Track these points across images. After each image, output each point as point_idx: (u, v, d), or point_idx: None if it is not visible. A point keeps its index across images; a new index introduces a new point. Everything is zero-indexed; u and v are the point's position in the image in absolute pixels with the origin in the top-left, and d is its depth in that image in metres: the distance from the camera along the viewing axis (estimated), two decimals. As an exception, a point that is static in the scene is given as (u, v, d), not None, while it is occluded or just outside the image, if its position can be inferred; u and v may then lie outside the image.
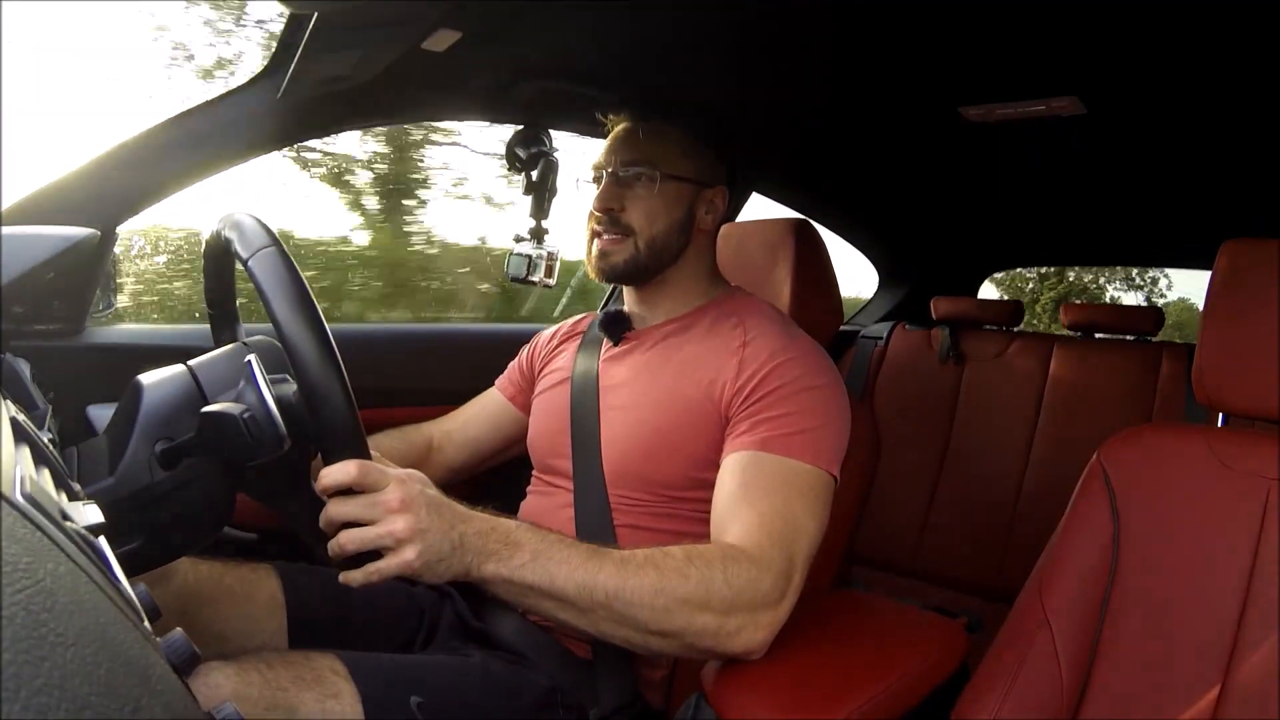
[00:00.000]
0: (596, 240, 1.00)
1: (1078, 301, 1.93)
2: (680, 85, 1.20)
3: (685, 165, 1.00)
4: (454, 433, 1.16)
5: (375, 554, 0.67)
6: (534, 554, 0.71)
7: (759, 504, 0.81)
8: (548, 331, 1.20)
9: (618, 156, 1.00)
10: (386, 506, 0.65)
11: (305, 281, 0.65)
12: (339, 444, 0.66)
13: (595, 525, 0.94)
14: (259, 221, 0.70)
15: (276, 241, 0.67)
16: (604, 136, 1.06)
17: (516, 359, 1.21)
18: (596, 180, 1.03)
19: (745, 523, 0.80)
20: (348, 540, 0.66)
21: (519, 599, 0.72)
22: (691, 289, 1.04)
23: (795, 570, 0.78)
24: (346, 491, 0.66)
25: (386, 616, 0.99)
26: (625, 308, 1.08)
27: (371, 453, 0.69)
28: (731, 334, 0.96)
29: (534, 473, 1.08)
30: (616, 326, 1.05)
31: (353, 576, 0.67)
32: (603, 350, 1.06)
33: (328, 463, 0.66)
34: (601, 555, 0.73)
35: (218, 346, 0.85)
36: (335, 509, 0.66)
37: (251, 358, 0.68)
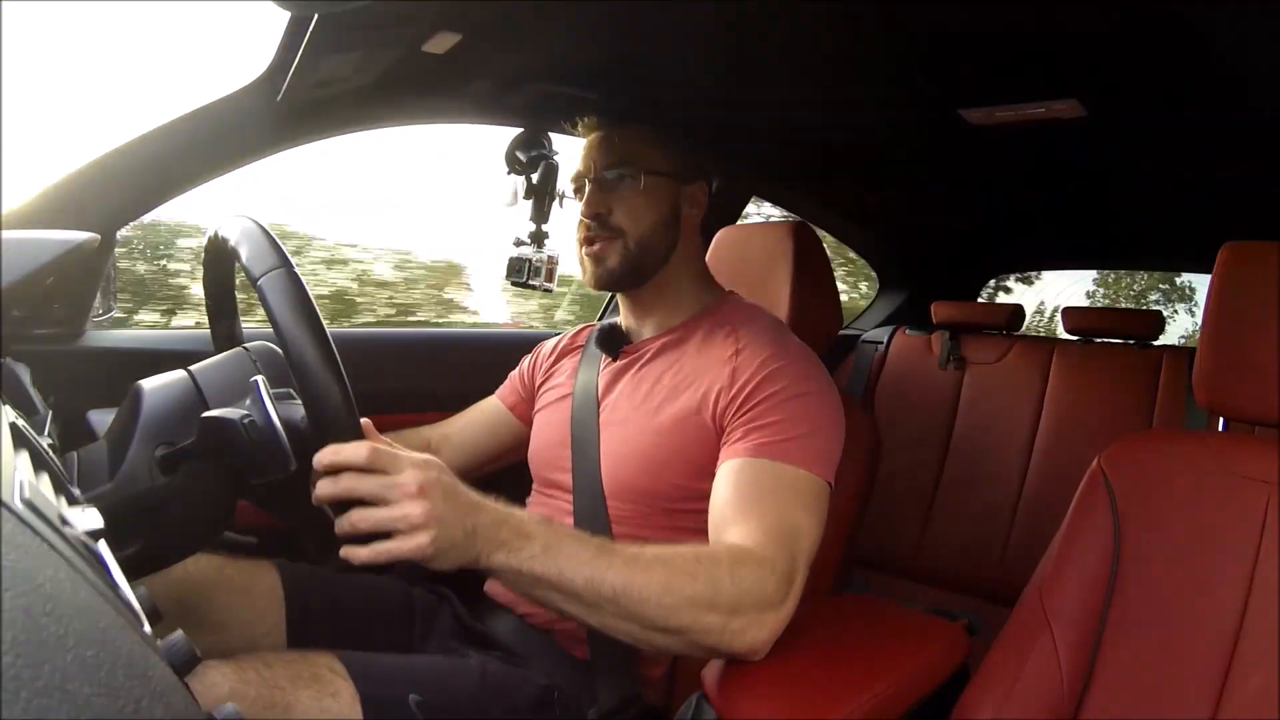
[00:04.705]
0: (588, 246, 1.01)
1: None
2: (680, 88, 1.20)
3: (663, 161, 1.02)
4: (451, 436, 1.17)
5: (384, 534, 0.65)
6: (544, 547, 0.70)
7: (757, 508, 0.81)
8: (549, 344, 1.20)
9: (597, 162, 1.02)
10: (404, 490, 0.64)
11: (316, 305, 0.65)
12: (342, 432, 0.65)
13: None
14: (269, 235, 0.68)
15: (288, 261, 0.66)
16: None
17: (518, 369, 1.21)
18: (578, 191, 1.04)
19: (746, 527, 0.80)
20: (360, 519, 0.64)
21: (527, 590, 0.72)
22: (685, 293, 1.04)
23: (797, 572, 0.79)
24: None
25: (385, 615, 0.99)
26: (620, 321, 1.09)
27: (388, 440, 0.69)
28: (724, 342, 0.96)
29: (534, 485, 1.08)
30: (613, 341, 1.06)
31: (358, 553, 0.65)
32: (601, 365, 1.06)
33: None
34: (611, 551, 0.73)
35: (217, 345, 0.86)
36: (349, 483, 0.64)
37: (259, 379, 0.67)
